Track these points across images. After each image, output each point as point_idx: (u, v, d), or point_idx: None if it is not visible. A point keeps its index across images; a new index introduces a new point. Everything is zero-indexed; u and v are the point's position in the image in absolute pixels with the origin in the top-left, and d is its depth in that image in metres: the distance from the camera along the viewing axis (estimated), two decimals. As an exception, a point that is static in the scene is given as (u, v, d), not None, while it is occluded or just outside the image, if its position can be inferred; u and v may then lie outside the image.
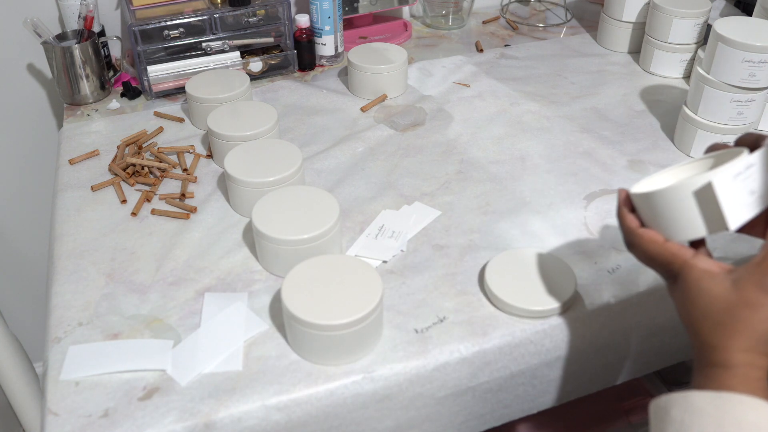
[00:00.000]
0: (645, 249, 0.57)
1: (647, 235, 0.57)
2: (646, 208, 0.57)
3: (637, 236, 0.57)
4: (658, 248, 0.56)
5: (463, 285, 0.77)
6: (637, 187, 0.59)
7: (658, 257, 0.56)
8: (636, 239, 0.58)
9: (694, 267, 0.54)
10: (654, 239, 0.56)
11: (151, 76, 1.11)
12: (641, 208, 0.58)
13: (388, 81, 1.12)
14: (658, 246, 0.56)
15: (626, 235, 0.59)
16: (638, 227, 0.58)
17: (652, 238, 0.57)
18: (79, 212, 0.89)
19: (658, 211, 0.56)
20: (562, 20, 1.40)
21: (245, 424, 0.65)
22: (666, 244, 0.56)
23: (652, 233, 0.57)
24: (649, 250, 0.57)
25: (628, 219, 0.58)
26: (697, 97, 0.95)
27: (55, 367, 0.69)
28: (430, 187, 0.93)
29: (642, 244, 0.57)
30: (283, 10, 1.15)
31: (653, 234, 0.57)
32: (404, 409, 0.70)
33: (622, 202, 0.59)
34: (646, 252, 0.57)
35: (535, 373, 0.74)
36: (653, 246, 0.56)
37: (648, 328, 0.78)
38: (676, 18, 1.12)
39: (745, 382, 0.50)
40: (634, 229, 0.58)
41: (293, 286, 0.68)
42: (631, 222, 0.58)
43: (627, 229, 0.58)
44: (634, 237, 0.58)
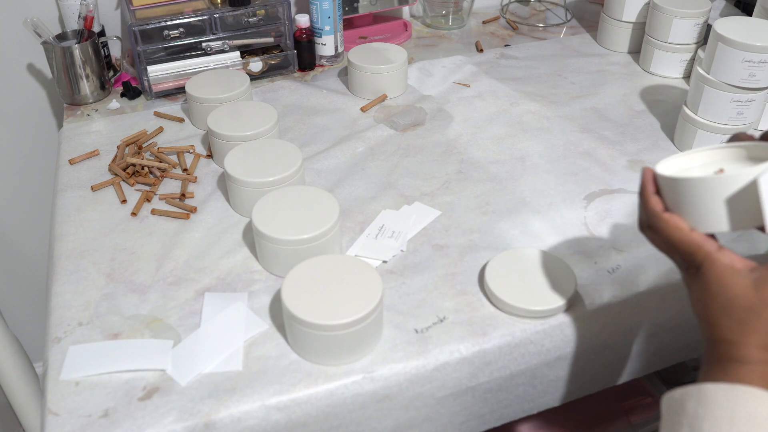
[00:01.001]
0: (668, 235, 0.55)
1: (673, 221, 0.55)
2: (674, 193, 0.54)
3: (662, 221, 0.55)
4: (682, 236, 0.54)
5: (463, 285, 0.77)
6: (663, 168, 0.56)
7: (680, 245, 0.54)
8: (660, 223, 0.55)
9: (718, 261, 0.53)
10: (679, 226, 0.54)
11: (151, 76, 1.11)
12: (668, 191, 0.55)
13: (388, 81, 1.12)
14: (683, 234, 0.54)
15: (649, 217, 0.56)
16: (663, 211, 0.55)
17: (677, 224, 0.54)
18: (79, 212, 0.89)
19: (688, 199, 0.53)
20: (562, 20, 1.40)
21: (245, 424, 0.65)
22: (692, 233, 0.54)
23: (677, 219, 0.55)
24: (673, 237, 0.55)
25: (653, 201, 0.56)
26: (697, 97, 0.95)
27: (55, 367, 0.69)
28: (430, 187, 0.93)
29: (666, 230, 0.55)
30: (283, 10, 1.15)
31: (679, 221, 0.54)
32: (404, 409, 0.70)
33: (648, 181, 0.56)
34: (669, 239, 0.55)
35: (535, 373, 0.74)
36: (678, 233, 0.54)
37: (648, 328, 0.78)
38: (676, 18, 1.12)
39: (762, 378, 0.50)
40: (659, 213, 0.55)
41: (293, 286, 0.68)
42: (656, 205, 0.56)
43: (651, 211, 0.56)
44: (659, 221, 0.55)
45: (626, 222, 0.86)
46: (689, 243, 0.54)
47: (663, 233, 0.55)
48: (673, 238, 0.55)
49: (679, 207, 0.55)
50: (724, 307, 0.52)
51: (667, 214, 0.55)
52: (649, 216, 0.56)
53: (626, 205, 0.88)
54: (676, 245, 0.55)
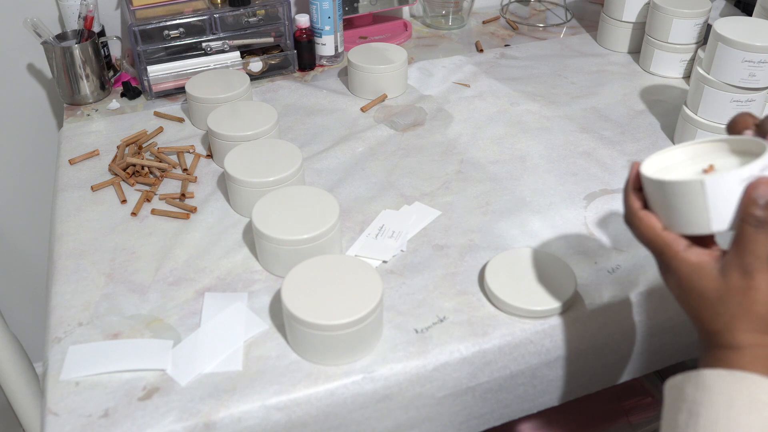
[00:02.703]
0: (641, 233, 0.57)
1: (646, 219, 0.56)
2: (653, 192, 0.56)
3: (636, 218, 0.57)
4: (653, 235, 0.56)
5: (463, 285, 0.77)
6: (647, 165, 0.58)
7: (651, 244, 0.56)
8: (635, 221, 0.57)
9: (684, 261, 0.54)
10: (651, 225, 0.56)
11: (151, 76, 1.11)
12: (649, 190, 0.57)
13: (388, 81, 1.12)
14: (653, 233, 0.56)
15: (626, 214, 0.59)
16: (640, 209, 0.57)
17: (650, 223, 0.56)
18: (79, 212, 0.89)
19: (661, 199, 0.55)
20: (562, 20, 1.40)
21: (245, 424, 0.65)
22: (662, 233, 0.56)
23: (651, 219, 0.56)
24: (645, 235, 0.57)
25: (631, 198, 0.58)
26: (697, 97, 0.95)
27: (55, 367, 0.69)
28: (430, 187, 0.93)
29: (639, 227, 0.57)
30: (283, 10, 1.15)
31: (653, 220, 0.56)
32: (404, 409, 0.70)
33: (632, 179, 0.58)
34: (642, 236, 0.57)
35: (535, 373, 0.74)
36: (649, 232, 0.56)
37: (648, 328, 0.78)
38: (676, 18, 1.12)
39: (755, 361, 0.51)
40: (635, 211, 0.57)
41: (293, 286, 0.68)
42: (633, 203, 0.57)
43: (629, 208, 0.58)
44: (633, 218, 0.57)
45: (626, 222, 0.86)
46: (659, 242, 0.56)
47: (637, 230, 0.57)
48: (645, 236, 0.57)
49: (655, 205, 0.56)
50: (699, 301, 0.54)
51: (643, 212, 0.57)
52: (626, 213, 0.59)
53: (626, 205, 0.88)
54: (648, 243, 0.57)
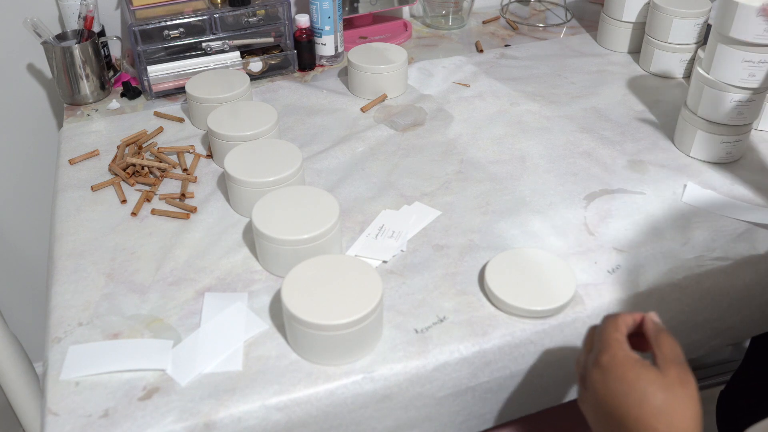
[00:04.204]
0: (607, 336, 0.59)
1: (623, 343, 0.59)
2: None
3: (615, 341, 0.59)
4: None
5: (463, 285, 0.77)
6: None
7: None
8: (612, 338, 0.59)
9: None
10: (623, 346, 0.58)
11: (151, 76, 1.11)
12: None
13: (388, 81, 1.12)
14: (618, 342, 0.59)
15: (606, 332, 0.60)
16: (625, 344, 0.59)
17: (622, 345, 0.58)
18: (79, 212, 0.89)
19: None
20: (562, 20, 1.40)
21: (245, 424, 0.65)
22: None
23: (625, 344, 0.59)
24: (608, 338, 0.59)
25: (621, 336, 0.59)
26: (697, 97, 0.95)
27: (55, 367, 0.69)
28: (430, 187, 0.93)
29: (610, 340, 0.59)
30: (283, 10, 1.15)
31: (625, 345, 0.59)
32: (404, 409, 0.70)
33: (632, 324, 0.61)
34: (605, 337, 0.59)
35: (535, 373, 0.74)
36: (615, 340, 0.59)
37: (648, 328, 0.78)
38: (676, 18, 1.12)
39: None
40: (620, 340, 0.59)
41: (293, 286, 0.68)
42: (623, 343, 0.59)
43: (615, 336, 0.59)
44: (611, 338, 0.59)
45: (626, 222, 0.86)
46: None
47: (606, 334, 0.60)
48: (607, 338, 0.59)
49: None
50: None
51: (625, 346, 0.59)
52: (607, 334, 0.60)
53: (626, 205, 0.88)
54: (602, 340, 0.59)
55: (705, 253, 0.81)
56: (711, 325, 0.83)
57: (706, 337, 0.84)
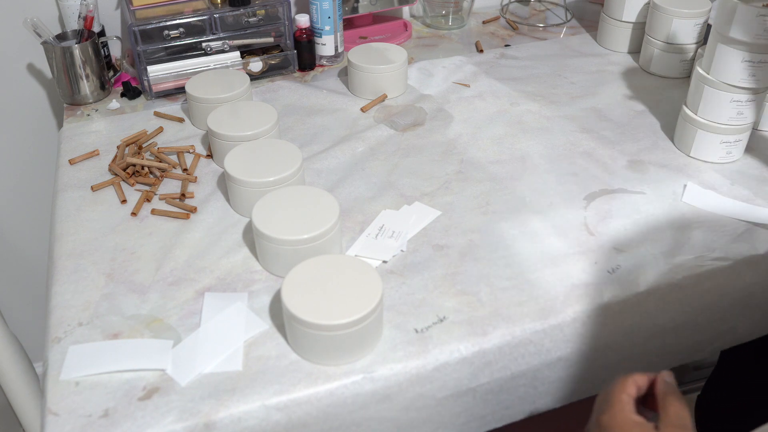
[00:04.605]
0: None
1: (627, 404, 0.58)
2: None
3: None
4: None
5: (463, 285, 0.77)
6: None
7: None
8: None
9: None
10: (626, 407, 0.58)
11: (151, 76, 1.11)
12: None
13: (388, 81, 1.12)
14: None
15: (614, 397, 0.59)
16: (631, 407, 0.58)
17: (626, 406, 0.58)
18: (79, 212, 0.89)
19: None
20: (562, 20, 1.40)
21: (245, 424, 0.65)
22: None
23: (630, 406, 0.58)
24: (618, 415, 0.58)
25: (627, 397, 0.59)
26: (697, 97, 0.95)
27: (55, 367, 0.69)
28: (430, 187, 0.93)
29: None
30: (283, 10, 1.15)
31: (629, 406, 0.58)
32: (404, 409, 0.70)
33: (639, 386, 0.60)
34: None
35: (536, 374, 0.74)
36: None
37: (648, 328, 0.78)
38: (676, 18, 1.12)
39: None
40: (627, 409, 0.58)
41: (293, 286, 0.68)
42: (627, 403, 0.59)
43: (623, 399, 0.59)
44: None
45: (626, 222, 0.86)
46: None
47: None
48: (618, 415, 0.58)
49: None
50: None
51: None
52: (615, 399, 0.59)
53: (626, 205, 0.88)
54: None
55: (705, 253, 0.81)
56: (713, 325, 0.83)
57: (709, 338, 0.84)
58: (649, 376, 0.61)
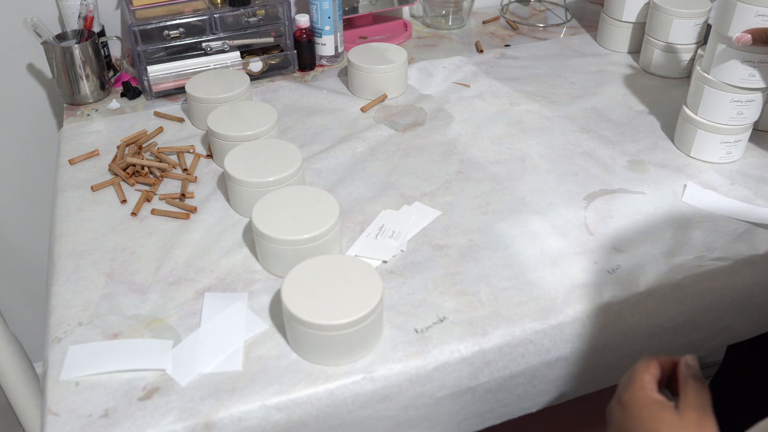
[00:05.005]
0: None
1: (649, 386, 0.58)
2: None
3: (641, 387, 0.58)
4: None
5: (463, 285, 0.77)
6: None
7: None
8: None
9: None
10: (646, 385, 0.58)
11: (151, 76, 1.11)
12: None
13: (388, 81, 1.12)
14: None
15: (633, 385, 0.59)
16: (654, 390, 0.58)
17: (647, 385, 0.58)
18: (79, 212, 0.89)
19: None
20: (562, 20, 1.40)
21: (245, 424, 0.65)
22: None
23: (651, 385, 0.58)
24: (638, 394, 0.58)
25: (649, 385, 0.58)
26: (697, 97, 0.95)
27: (55, 367, 0.69)
28: (430, 187, 0.93)
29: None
30: (283, 10, 1.15)
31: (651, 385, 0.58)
32: (404, 409, 0.70)
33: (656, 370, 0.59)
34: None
35: (535, 373, 0.74)
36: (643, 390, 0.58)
37: (648, 328, 0.78)
38: (676, 18, 1.12)
39: None
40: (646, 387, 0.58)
41: (293, 286, 0.68)
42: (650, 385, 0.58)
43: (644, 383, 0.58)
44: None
45: (626, 222, 0.86)
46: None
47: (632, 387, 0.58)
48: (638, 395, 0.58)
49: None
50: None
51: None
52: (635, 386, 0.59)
53: (626, 205, 0.88)
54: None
55: (705, 253, 0.81)
56: (711, 325, 0.83)
57: (706, 337, 0.84)
58: (673, 359, 0.61)
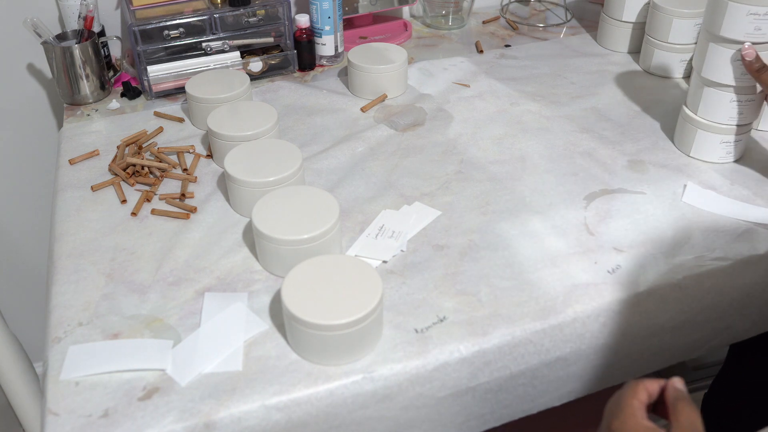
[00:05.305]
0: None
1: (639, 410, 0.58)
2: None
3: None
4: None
5: (463, 285, 0.77)
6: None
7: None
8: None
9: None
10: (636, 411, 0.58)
11: (151, 76, 1.11)
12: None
13: (388, 81, 1.12)
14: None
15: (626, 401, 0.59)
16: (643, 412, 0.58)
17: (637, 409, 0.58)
18: (79, 212, 0.89)
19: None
20: (562, 20, 1.40)
21: (245, 424, 0.65)
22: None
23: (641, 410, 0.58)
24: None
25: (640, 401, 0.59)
26: (697, 97, 0.95)
27: (55, 367, 0.69)
28: (430, 187, 0.93)
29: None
30: (283, 10, 1.15)
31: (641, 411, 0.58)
32: (404, 409, 0.70)
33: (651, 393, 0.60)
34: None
35: (535, 373, 0.74)
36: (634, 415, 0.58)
37: (647, 328, 0.78)
38: (676, 18, 1.12)
39: None
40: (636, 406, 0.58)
41: (293, 286, 0.68)
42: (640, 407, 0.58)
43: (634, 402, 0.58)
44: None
45: (626, 222, 0.86)
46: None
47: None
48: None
49: None
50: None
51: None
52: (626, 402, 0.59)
53: (626, 205, 0.89)
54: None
55: (705, 253, 0.81)
56: (711, 324, 0.83)
57: (706, 337, 0.84)
58: (659, 382, 0.60)
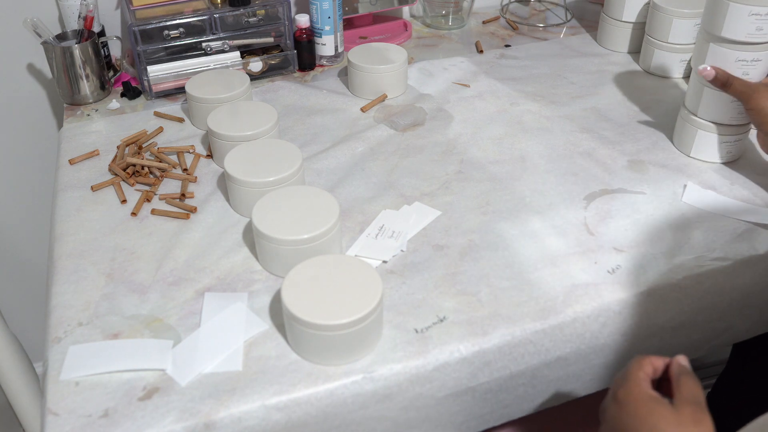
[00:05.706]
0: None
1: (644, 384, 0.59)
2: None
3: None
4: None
5: (463, 285, 0.77)
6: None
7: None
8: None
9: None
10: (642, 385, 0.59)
11: (151, 76, 1.11)
12: None
13: (388, 81, 1.12)
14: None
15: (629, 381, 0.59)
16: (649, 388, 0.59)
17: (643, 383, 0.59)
18: (79, 212, 0.89)
19: None
20: (562, 20, 1.40)
21: (245, 424, 0.65)
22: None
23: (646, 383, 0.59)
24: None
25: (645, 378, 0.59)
26: (697, 97, 0.95)
27: (55, 367, 0.69)
28: (430, 187, 0.93)
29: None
30: (283, 10, 1.15)
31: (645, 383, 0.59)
32: (404, 409, 0.70)
33: (656, 369, 0.60)
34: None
35: (535, 373, 0.74)
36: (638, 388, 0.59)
37: (648, 328, 0.78)
38: (676, 18, 1.12)
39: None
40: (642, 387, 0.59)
41: (293, 286, 0.68)
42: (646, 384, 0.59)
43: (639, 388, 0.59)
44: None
45: (626, 222, 0.86)
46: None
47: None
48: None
49: None
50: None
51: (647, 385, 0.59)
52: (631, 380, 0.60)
53: (626, 205, 0.89)
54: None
55: (705, 253, 0.81)
56: (711, 325, 0.83)
57: (706, 337, 0.84)
58: (664, 359, 0.61)
